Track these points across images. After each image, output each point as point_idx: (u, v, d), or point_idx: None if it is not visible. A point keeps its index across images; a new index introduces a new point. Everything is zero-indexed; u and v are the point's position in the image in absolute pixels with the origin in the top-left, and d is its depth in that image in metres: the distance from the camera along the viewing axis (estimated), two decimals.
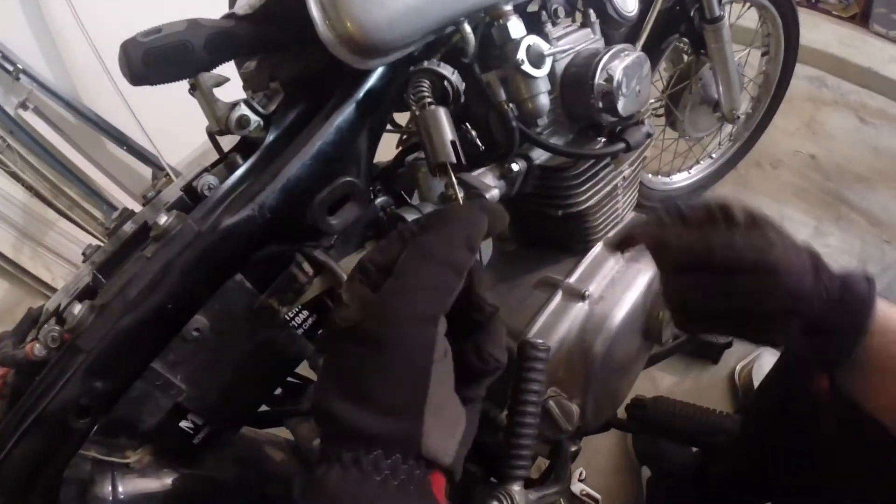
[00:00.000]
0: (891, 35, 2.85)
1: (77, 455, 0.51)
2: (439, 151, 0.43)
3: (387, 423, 0.35)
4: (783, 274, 0.48)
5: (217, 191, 0.49)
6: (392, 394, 0.35)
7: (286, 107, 0.51)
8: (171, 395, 0.52)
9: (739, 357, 1.50)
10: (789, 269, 0.48)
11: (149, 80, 0.47)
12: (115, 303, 0.45)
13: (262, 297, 0.51)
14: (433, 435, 0.35)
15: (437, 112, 0.44)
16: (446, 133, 0.43)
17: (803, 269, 0.49)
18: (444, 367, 0.37)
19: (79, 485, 0.53)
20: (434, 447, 0.35)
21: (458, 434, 0.38)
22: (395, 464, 0.34)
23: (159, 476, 0.57)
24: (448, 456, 0.36)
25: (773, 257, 0.48)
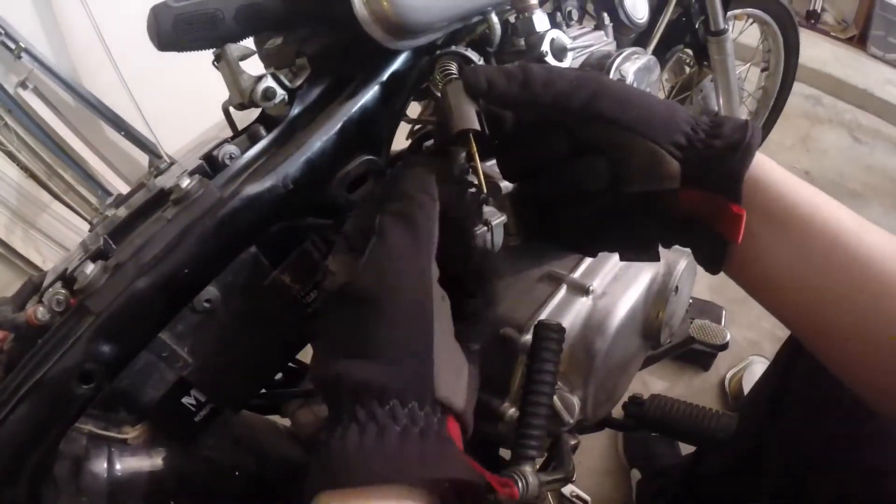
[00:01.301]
0: (887, 58, 2.91)
1: (73, 429, 0.49)
2: (463, 118, 0.42)
3: (397, 371, 0.34)
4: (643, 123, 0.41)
5: (239, 160, 0.49)
6: (397, 341, 0.34)
7: (311, 83, 0.51)
8: (176, 368, 0.51)
9: (730, 364, 1.52)
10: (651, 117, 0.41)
11: (177, 46, 0.47)
12: (130, 264, 0.44)
13: (275, 273, 0.51)
14: (443, 377, 0.34)
15: (462, 84, 0.44)
16: (470, 103, 0.43)
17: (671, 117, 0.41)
18: (443, 311, 0.37)
19: (73, 460, 0.51)
20: (446, 390, 0.35)
21: (464, 379, 0.37)
22: (413, 411, 0.33)
23: (156, 454, 0.56)
24: (460, 399, 0.36)
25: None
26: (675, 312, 0.84)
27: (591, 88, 0.42)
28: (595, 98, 0.41)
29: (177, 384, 0.52)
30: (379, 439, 0.32)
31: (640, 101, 0.42)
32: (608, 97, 0.41)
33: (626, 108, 0.41)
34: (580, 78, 0.42)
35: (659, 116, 0.41)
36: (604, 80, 0.43)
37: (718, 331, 0.91)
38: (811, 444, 0.73)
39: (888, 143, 2.46)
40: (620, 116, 0.41)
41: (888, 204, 2.11)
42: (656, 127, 0.41)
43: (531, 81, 0.42)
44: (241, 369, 0.55)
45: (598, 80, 0.43)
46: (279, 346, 0.57)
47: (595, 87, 0.42)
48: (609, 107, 0.41)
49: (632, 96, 0.42)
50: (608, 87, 0.42)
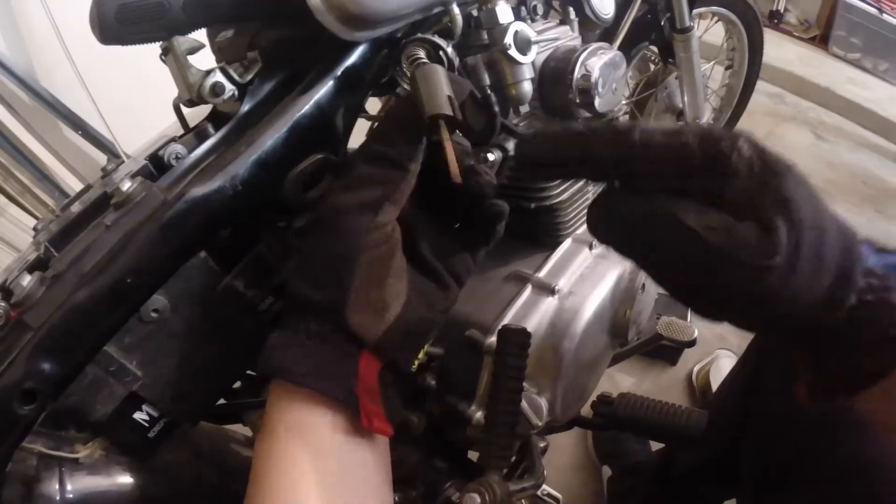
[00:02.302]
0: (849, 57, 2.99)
1: (21, 449, 0.47)
2: (434, 103, 0.41)
3: (318, 294, 0.40)
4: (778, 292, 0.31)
5: (185, 160, 0.46)
6: (323, 269, 0.41)
7: (263, 77, 0.49)
8: (125, 383, 0.48)
9: (697, 359, 1.54)
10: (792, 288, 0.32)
11: (121, 39, 0.45)
12: (69, 274, 0.42)
13: (227, 279, 0.49)
14: (359, 311, 0.39)
15: (434, 67, 0.43)
16: (443, 87, 0.41)
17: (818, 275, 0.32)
18: (383, 254, 0.41)
19: (23, 482, 0.48)
20: (359, 322, 0.39)
21: (387, 318, 0.41)
22: (324, 331, 0.40)
23: (111, 472, 0.53)
24: (372, 335, 0.40)
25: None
26: (643, 310, 0.84)
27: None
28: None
29: (127, 399, 0.50)
30: (288, 342, 0.40)
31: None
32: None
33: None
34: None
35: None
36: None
37: (685, 327, 0.92)
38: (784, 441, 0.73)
39: (850, 140, 2.53)
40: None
41: (852, 201, 2.17)
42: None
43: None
44: (195, 381, 0.53)
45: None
46: (235, 355, 0.54)
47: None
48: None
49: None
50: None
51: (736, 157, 0.31)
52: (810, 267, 0.31)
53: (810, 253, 0.30)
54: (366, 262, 0.40)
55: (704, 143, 0.32)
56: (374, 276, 0.40)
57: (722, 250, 0.31)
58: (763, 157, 0.31)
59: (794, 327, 0.34)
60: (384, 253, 0.41)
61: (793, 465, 0.71)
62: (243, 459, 0.70)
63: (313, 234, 0.42)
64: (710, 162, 0.32)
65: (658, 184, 0.33)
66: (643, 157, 0.33)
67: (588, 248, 0.79)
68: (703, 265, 0.32)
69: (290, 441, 0.40)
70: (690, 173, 0.32)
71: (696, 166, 0.32)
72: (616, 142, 0.34)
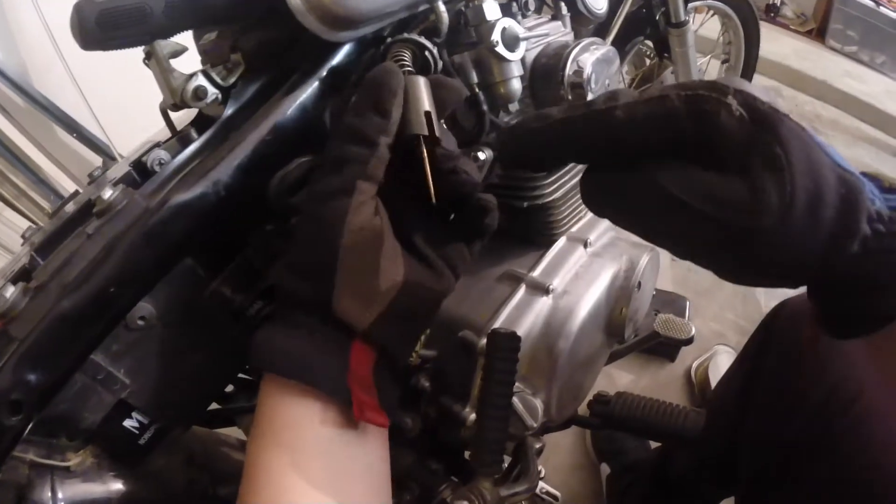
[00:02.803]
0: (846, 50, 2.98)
1: (13, 458, 0.47)
2: (412, 121, 0.40)
3: (303, 284, 0.39)
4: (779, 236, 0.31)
5: (168, 166, 0.46)
6: (307, 259, 0.40)
7: (247, 80, 0.48)
8: (114, 391, 0.48)
9: (696, 355, 1.53)
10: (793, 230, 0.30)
11: (102, 45, 0.44)
12: (52, 285, 0.41)
13: (214, 284, 0.48)
14: (345, 298, 0.38)
15: (416, 80, 0.41)
16: (422, 103, 0.40)
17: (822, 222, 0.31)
18: (368, 238, 0.40)
19: (16, 490, 0.48)
20: (345, 309, 0.38)
21: (378, 305, 0.40)
22: (312, 321, 0.39)
23: (103, 480, 0.53)
24: (361, 322, 0.39)
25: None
26: (639, 308, 0.83)
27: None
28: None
29: (117, 407, 0.49)
30: (274, 334, 0.40)
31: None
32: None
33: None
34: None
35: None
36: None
37: (683, 325, 0.91)
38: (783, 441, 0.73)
39: (847, 134, 2.52)
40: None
41: None
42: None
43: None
44: (184, 387, 0.52)
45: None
46: (224, 360, 0.54)
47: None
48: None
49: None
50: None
51: (724, 116, 0.30)
52: (805, 221, 0.30)
53: (804, 208, 0.30)
54: (348, 248, 0.38)
55: (690, 105, 0.31)
56: (360, 262, 0.39)
57: (705, 214, 0.31)
58: (754, 111, 0.30)
59: (795, 277, 0.34)
60: (369, 237, 0.40)
61: (791, 464, 0.71)
62: (235, 463, 0.70)
63: (297, 226, 0.41)
64: (698, 124, 0.31)
65: (648, 153, 0.33)
66: (628, 135, 0.33)
67: (583, 247, 0.78)
68: (693, 230, 0.32)
69: (280, 437, 0.39)
70: (680, 140, 0.32)
71: (685, 131, 0.31)
72: (598, 124, 0.33)
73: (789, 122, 0.31)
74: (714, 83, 0.31)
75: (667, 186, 0.32)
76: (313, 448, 0.39)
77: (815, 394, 0.71)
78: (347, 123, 0.40)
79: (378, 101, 0.40)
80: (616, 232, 0.85)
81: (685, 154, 0.32)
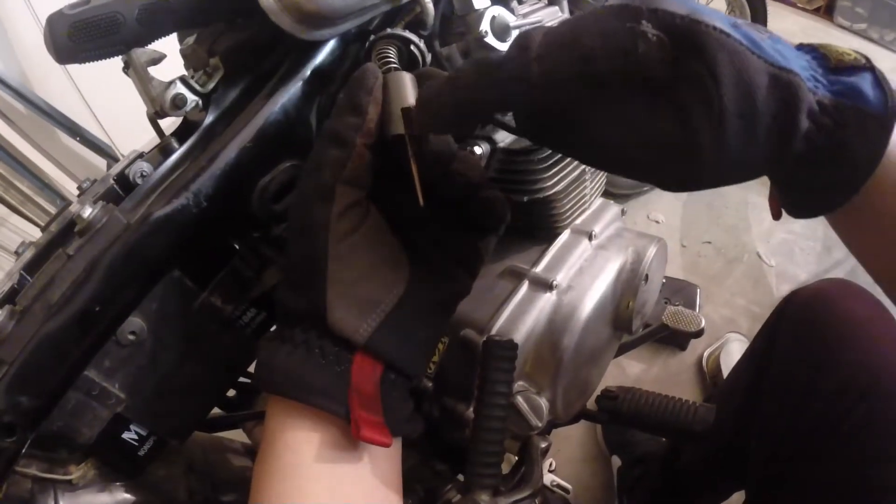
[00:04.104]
0: (855, 28, 2.91)
1: (15, 473, 0.47)
2: (393, 122, 0.38)
3: (297, 298, 0.38)
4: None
5: (150, 178, 0.45)
6: (296, 272, 0.39)
7: (227, 84, 0.46)
8: (109, 406, 0.48)
9: (707, 344, 1.51)
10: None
11: (75, 57, 0.43)
12: (36, 307, 0.41)
13: (204, 295, 0.47)
14: (340, 310, 0.37)
15: (398, 76, 0.40)
16: (403, 100, 0.38)
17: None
18: (358, 243, 0.38)
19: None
20: (341, 322, 0.37)
21: (377, 315, 0.38)
22: (310, 338, 0.37)
23: (105, 491, 0.53)
24: (360, 334, 0.37)
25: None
26: (647, 300, 0.81)
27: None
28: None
29: (113, 421, 0.49)
30: (275, 352, 0.38)
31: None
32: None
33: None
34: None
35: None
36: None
37: (693, 317, 0.89)
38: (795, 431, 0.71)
39: None
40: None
41: None
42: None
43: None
44: (180, 399, 0.52)
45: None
46: (219, 370, 0.53)
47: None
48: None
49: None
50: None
51: (643, 47, 0.29)
52: (740, 138, 0.29)
53: (737, 126, 0.29)
54: (337, 256, 0.37)
55: (608, 43, 0.29)
56: (350, 271, 0.37)
57: (646, 157, 0.31)
58: (672, 30, 0.29)
59: (742, 181, 0.33)
60: (359, 242, 0.38)
61: (804, 454, 0.69)
62: (238, 470, 0.70)
63: (286, 237, 0.41)
64: (620, 64, 0.29)
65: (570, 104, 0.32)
66: (547, 90, 0.31)
67: (587, 240, 0.76)
68: (631, 161, 0.33)
69: (282, 459, 0.38)
70: (604, 71, 0.30)
71: (605, 73, 0.30)
72: (512, 91, 0.32)
73: (711, 33, 0.28)
74: (625, 6, 0.30)
75: (598, 136, 0.32)
76: (315, 470, 0.37)
77: (829, 383, 0.69)
78: (325, 126, 0.39)
79: (353, 100, 0.38)
80: (622, 222, 0.83)
81: (607, 81, 0.30)
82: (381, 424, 0.37)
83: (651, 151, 0.31)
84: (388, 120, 0.39)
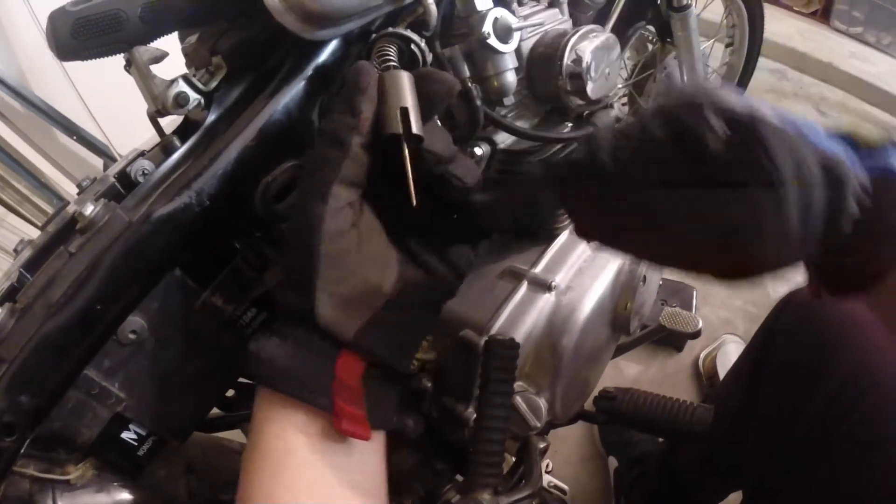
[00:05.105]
0: (851, 31, 2.93)
1: (14, 473, 0.47)
2: (388, 120, 0.38)
3: (291, 294, 0.40)
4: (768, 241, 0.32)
5: (151, 177, 0.44)
6: (290, 269, 0.40)
7: (229, 83, 0.46)
8: (109, 405, 0.48)
9: (703, 345, 1.52)
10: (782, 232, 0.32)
11: (77, 55, 0.43)
12: (37, 305, 0.40)
13: (205, 295, 0.47)
14: (329, 308, 0.38)
15: (395, 75, 0.40)
16: (399, 99, 0.39)
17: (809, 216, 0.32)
18: (350, 244, 0.39)
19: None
20: (328, 319, 0.38)
21: (365, 313, 0.39)
22: (300, 332, 0.39)
23: (104, 492, 0.53)
24: (346, 332, 0.39)
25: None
26: (645, 302, 0.81)
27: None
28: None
29: (113, 421, 0.49)
30: (265, 343, 0.39)
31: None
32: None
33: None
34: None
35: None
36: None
37: (690, 318, 0.90)
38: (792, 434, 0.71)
39: (854, 116, 2.48)
40: None
41: None
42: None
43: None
44: (180, 399, 0.52)
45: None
46: (219, 370, 0.53)
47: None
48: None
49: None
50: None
51: (710, 138, 0.30)
52: (800, 222, 0.31)
53: (798, 210, 0.31)
54: (326, 255, 0.38)
55: (673, 130, 0.31)
56: (340, 269, 0.39)
57: (711, 242, 0.32)
58: (734, 120, 0.30)
59: (793, 265, 0.35)
60: (349, 243, 0.39)
61: (800, 457, 0.69)
62: (237, 469, 0.69)
63: (285, 235, 0.42)
64: (685, 152, 0.31)
65: (644, 183, 0.33)
66: (617, 178, 0.33)
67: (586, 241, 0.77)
68: (698, 254, 0.33)
69: (269, 447, 0.40)
70: (672, 167, 0.32)
71: (673, 161, 0.32)
72: (588, 174, 0.34)
73: (770, 123, 0.31)
74: (689, 100, 0.31)
75: (665, 214, 0.33)
76: (301, 459, 0.39)
77: (827, 385, 0.69)
78: (322, 126, 0.40)
79: (349, 100, 0.39)
80: None
81: (676, 178, 0.32)
82: (362, 418, 0.39)
83: (713, 238, 0.33)
84: (385, 119, 0.39)
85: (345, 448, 0.40)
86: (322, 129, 0.40)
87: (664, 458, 1.12)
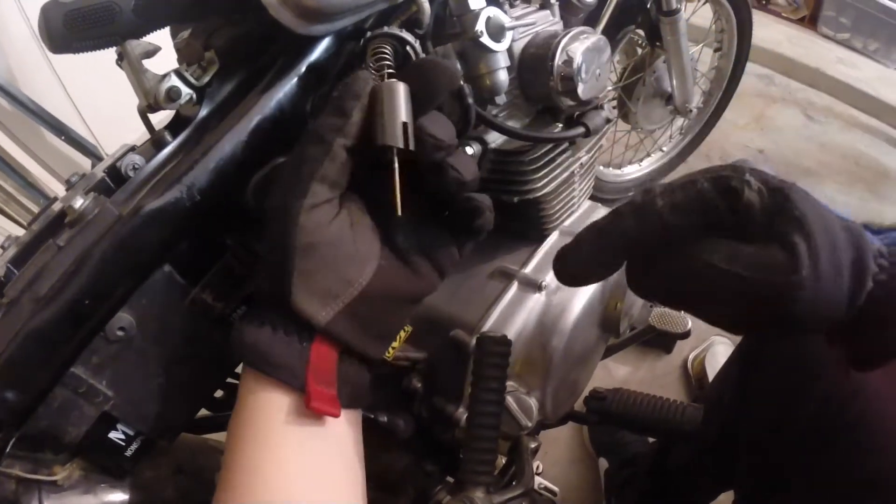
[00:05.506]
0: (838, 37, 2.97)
1: (0, 474, 0.46)
2: (388, 132, 0.39)
3: (267, 282, 0.42)
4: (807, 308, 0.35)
5: (142, 171, 0.44)
6: (270, 259, 0.41)
7: (222, 78, 0.46)
8: (96, 404, 0.47)
9: (692, 346, 1.53)
10: (817, 302, 0.35)
11: (70, 47, 0.43)
12: (23, 300, 0.40)
13: (195, 291, 0.47)
14: (303, 296, 0.40)
15: (394, 86, 0.40)
16: (399, 113, 0.39)
17: (836, 291, 0.35)
18: (327, 237, 0.41)
19: None
20: (302, 307, 0.40)
21: (338, 303, 0.41)
22: (277, 317, 0.41)
23: (91, 493, 0.52)
24: (319, 319, 0.41)
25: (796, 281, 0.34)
26: (634, 302, 0.82)
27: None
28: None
29: (100, 420, 0.48)
30: (243, 328, 0.42)
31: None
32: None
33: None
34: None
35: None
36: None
37: (679, 318, 0.90)
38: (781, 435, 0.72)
39: (841, 121, 2.51)
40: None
41: (842, 181, 2.16)
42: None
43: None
44: (169, 397, 0.51)
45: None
46: (209, 368, 0.53)
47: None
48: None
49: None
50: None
51: (748, 192, 0.35)
52: (831, 270, 0.34)
53: (828, 257, 0.34)
54: (301, 248, 0.40)
55: (718, 184, 0.36)
56: (314, 262, 0.40)
57: (755, 280, 0.35)
58: (768, 183, 0.36)
59: (827, 323, 0.37)
60: (328, 236, 0.41)
61: (790, 458, 0.70)
62: None
63: (265, 225, 0.43)
64: (727, 201, 0.36)
65: (687, 234, 0.37)
66: (670, 219, 0.37)
67: None
68: (742, 297, 0.36)
69: (253, 422, 0.42)
70: (713, 217, 0.36)
71: (718, 208, 0.36)
72: (645, 214, 0.38)
73: (798, 189, 0.36)
74: (732, 166, 0.37)
75: (712, 261, 0.36)
76: (281, 435, 0.41)
77: (816, 388, 0.70)
78: (309, 125, 0.42)
79: (340, 103, 0.40)
80: None
81: (717, 228, 0.37)
82: (333, 398, 0.41)
83: (750, 289, 0.36)
84: (378, 129, 0.39)
85: (325, 425, 0.43)
86: (309, 128, 0.41)
87: (655, 458, 1.12)
